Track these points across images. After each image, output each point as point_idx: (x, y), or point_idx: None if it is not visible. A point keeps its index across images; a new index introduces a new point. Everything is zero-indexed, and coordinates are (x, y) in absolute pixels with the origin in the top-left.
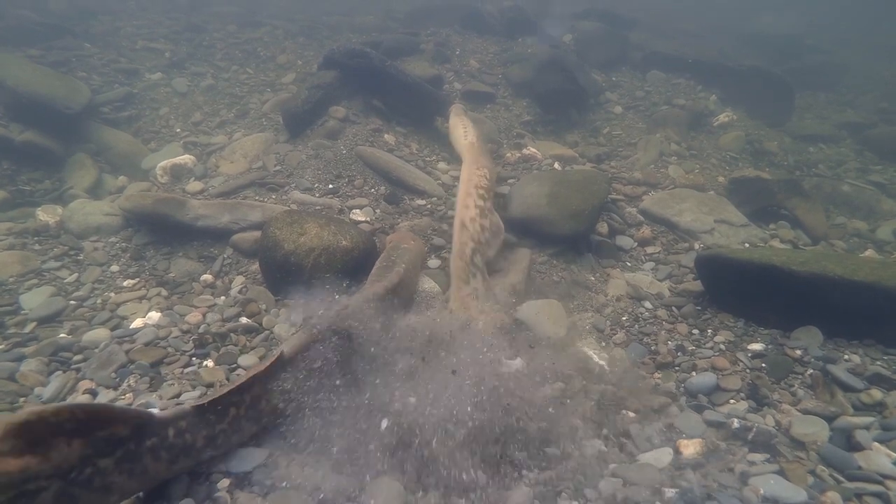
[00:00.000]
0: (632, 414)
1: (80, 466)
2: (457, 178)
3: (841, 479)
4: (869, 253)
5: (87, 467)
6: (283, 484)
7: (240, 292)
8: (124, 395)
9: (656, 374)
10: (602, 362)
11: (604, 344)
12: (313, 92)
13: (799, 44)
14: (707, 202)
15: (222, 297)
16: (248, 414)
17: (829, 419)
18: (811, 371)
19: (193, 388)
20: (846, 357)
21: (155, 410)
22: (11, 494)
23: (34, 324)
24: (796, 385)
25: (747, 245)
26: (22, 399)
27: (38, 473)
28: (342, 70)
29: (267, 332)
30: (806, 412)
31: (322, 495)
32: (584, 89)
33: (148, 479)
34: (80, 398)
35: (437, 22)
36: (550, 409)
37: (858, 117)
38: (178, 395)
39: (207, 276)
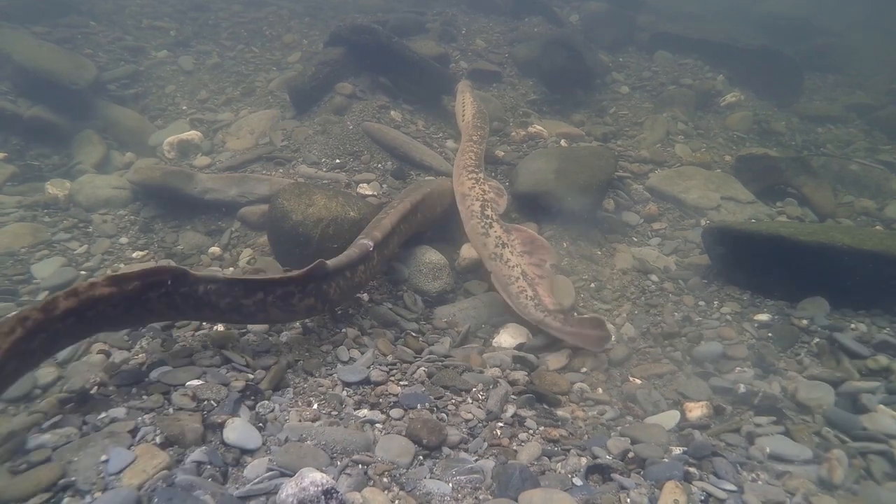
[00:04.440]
0: (638, 381)
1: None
2: None
3: (846, 439)
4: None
5: (144, 296)
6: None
7: (248, 263)
8: (137, 355)
9: (663, 343)
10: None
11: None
12: (320, 68)
13: (807, 26)
14: (714, 180)
15: (230, 269)
16: (276, 302)
17: (835, 384)
18: (817, 340)
19: (204, 348)
20: (853, 326)
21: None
22: (103, 307)
23: (46, 292)
24: (802, 353)
25: (753, 221)
26: None
27: (116, 295)
28: (349, 47)
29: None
30: (812, 378)
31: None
32: (591, 69)
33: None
34: (94, 359)
35: (444, 1)
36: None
37: (868, 99)
38: (190, 356)
39: (215, 249)
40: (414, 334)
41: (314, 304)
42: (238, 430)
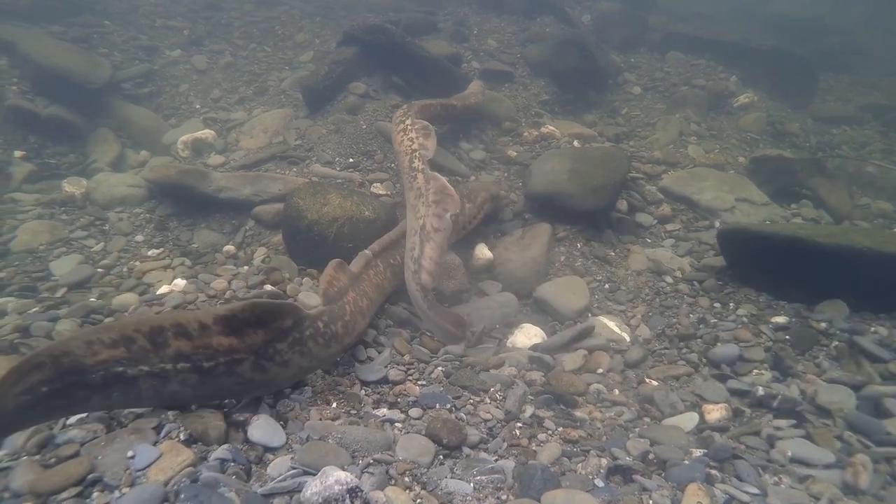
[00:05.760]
0: (655, 382)
1: (265, 347)
2: (481, 160)
3: (869, 444)
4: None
5: (270, 348)
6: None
7: (263, 262)
8: None
9: (679, 345)
10: (623, 334)
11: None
12: (333, 68)
13: (821, 26)
14: (728, 181)
15: (245, 267)
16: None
17: (856, 388)
18: (836, 343)
19: None
20: (873, 329)
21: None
22: (223, 360)
23: (65, 289)
24: (821, 356)
25: (768, 223)
26: None
27: (238, 349)
28: (362, 46)
29: (291, 299)
30: (832, 381)
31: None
32: (603, 69)
33: (316, 359)
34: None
35: (455, 1)
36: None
37: (884, 99)
38: None
39: (230, 247)
40: (429, 334)
41: None
42: (262, 428)
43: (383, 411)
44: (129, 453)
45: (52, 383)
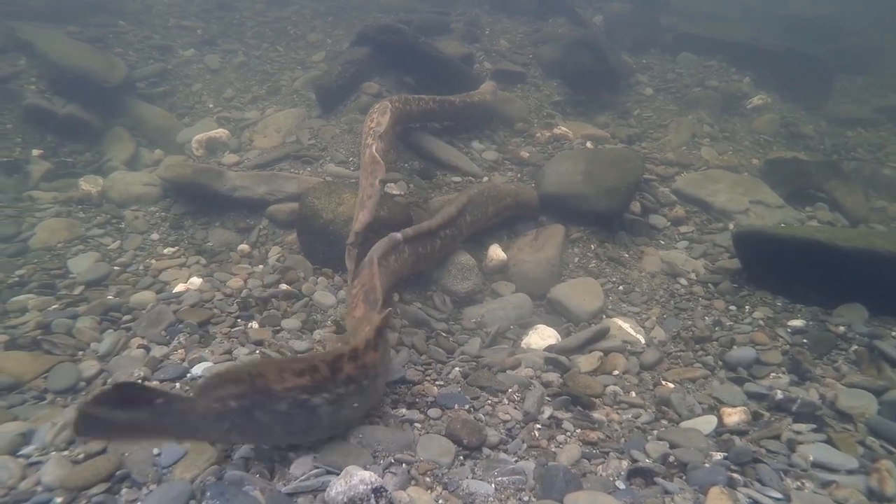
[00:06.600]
0: (671, 385)
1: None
2: (493, 161)
3: (893, 450)
4: None
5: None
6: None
7: (277, 261)
8: (176, 350)
9: (694, 348)
10: (638, 336)
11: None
12: (347, 67)
13: (834, 27)
14: (742, 183)
15: (260, 266)
16: None
17: (878, 393)
18: (856, 347)
19: (243, 345)
20: (894, 334)
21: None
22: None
23: (83, 286)
24: (840, 360)
25: (784, 226)
26: (80, 352)
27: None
28: (375, 46)
29: (306, 298)
30: (852, 386)
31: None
32: (615, 70)
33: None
34: (134, 353)
35: (466, 2)
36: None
37: None
38: (229, 352)
39: (244, 246)
40: (444, 334)
41: None
42: None
43: (402, 411)
44: (156, 450)
45: (241, 399)
